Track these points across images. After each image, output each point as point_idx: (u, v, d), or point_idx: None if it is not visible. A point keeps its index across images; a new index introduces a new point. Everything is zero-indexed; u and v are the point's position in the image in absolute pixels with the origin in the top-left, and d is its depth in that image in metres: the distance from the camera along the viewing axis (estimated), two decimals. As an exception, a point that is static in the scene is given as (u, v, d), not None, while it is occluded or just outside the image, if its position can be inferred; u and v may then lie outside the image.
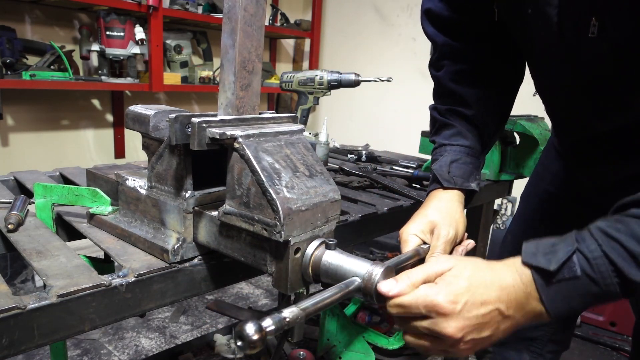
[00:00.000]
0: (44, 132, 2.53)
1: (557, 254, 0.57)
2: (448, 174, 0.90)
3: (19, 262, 2.29)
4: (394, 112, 3.29)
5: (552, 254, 0.57)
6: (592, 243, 0.56)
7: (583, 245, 0.57)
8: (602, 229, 0.57)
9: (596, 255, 0.55)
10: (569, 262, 0.56)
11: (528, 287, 0.58)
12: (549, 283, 0.57)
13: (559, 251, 0.57)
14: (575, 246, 0.57)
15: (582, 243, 0.57)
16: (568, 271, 0.56)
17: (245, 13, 0.64)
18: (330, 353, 1.74)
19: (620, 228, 0.56)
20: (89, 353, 1.99)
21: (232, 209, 0.63)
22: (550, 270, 0.56)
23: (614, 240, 0.55)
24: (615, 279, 0.55)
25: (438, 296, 0.56)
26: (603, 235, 0.56)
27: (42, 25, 2.44)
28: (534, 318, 0.59)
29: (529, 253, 0.59)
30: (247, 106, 0.70)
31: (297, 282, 0.63)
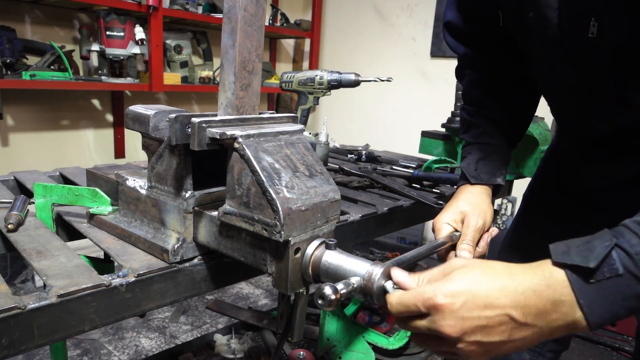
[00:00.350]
0: (44, 132, 2.53)
1: (595, 250, 0.50)
2: (475, 171, 0.96)
3: (19, 262, 2.29)
4: (394, 112, 3.29)
5: (588, 251, 0.51)
6: (632, 237, 0.50)
7: (622, 240, 0.50)
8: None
9: (639, 250, 0.49)
10: (608, 259, 0.50)
11: (557, 292, 0.51)
12: (587, 283, 0.50)
13: (596, 247, 0.51)
14: (614, 241, 0.51)
15: (620, 238, 0.51)
16: (608, 269, 0.50)
17: (245, 13, 0.64)
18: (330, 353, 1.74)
19: None
20: (89, 353, 1.99)
21: (232, 209, 0.63)
22: (590, 267, 0.49)
23: None
24: None
25: (436, 292, 0.53)
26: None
27: (42, 25, 2.44)
28: (566, 327, 0.52)
29: (559, 252, 0.53)
30: (247, 106, 0.70)
31: (297, 282, 0.63)
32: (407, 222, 1.18)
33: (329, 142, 1.42)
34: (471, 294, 0.53)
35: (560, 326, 0.52)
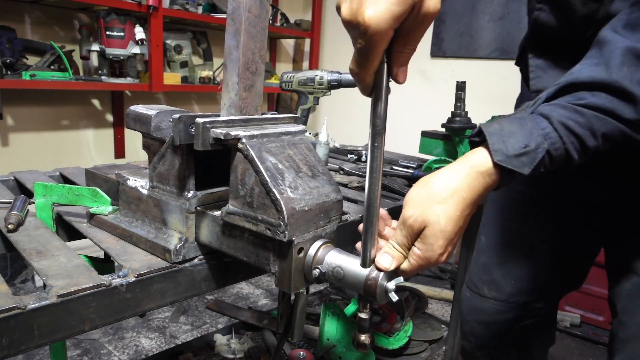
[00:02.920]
0: (44, 132, 2.52)
1: (530, 155, 0.60)
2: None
3: (19, 262, 2.28)
4: (394, 112, 3.28)
5: (524, 156, 0.61)
6: (557, 141, 0.61)
7: (550, 144, 0.61)
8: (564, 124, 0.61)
9: (559, 154, 0.61)
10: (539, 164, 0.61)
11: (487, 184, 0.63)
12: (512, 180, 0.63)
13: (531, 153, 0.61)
14: (546, 147, 0.61)
15: (548, 141, 0.61)
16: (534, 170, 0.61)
17: (249, 14, 0.64)
18: (330, 353, 1.74)
19: (582, 122, 0.61)
20: (89, 353, 1.98)
21: (235, 209, 0.63)
22: (525, 174, 0.61)
23: (575, 136, 0.61)
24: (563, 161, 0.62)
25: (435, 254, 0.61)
26: (566, 130, 0.61)
27: (42, 25, 2.43)
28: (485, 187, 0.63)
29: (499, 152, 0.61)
30: (250, 107, 0.69)
31: (299, 282, 0.63)
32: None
33: (329, 142, 1.42)
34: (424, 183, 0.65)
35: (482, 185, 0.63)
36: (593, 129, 0.61)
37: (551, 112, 0.62)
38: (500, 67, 2.88)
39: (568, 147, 0.61)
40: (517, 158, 0.60)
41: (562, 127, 0.61)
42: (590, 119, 0.61)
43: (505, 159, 0.61)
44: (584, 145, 0.61)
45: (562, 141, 0.61)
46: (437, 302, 2.62)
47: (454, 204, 0.61)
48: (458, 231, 0.61)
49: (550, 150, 0.61)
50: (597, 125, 0.60)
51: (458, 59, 3.05)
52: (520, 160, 0.60)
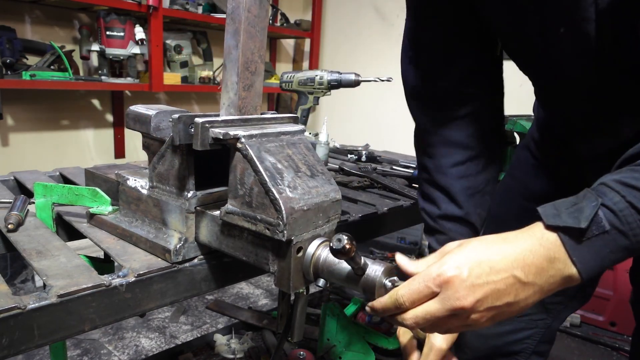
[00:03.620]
0: (44, 132, 2.52)
1: (583, 211, 0.54)
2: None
3: (19, 262, 2.28)
4: (394, 112, 3.29)
5: (577, 212, 0.54)
6: (614, 195, 0.54)
7: (606, 199, 0.54)
8: (620, 181, 0.55)
9: (622, 207, 0.53)
10: (596, 218, 0.54)
11: (551, 251, 0.55)
12: (579, 242, 0.54)
13: (584, 208, 0.54)
14: (600, 201, 0.54)
15: (604, 197, 0.54)
16: (596, 227, 0.54)
17: (249, 14, 0.64)
18: (330, 353, 1.74)
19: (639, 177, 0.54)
20: (89, 353, 1.98)
21: (235, 209, 0.63)
22: (581, 227, 0.53)
23: (635, 189, 0.54)
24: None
25: (442, 267, 0.55)
26: (623, 186, 0.54)
27: (42, 25, 2.43)
28: (561, 282, 0.56)
29: (550, 215, 0.56)
30: (249, 106, 0.70)
31: (299, 281, 0.63)
32: (407, 222, 1.18)
33: (329, 142, 1.42)
34: (476, 262, 0.55)
35: (557, 282, 0.56)
36: None
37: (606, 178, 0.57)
38: (500, 67, 2.87)
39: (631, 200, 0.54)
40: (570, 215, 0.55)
41: (617, 184, 0.55)
42: None
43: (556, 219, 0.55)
44: None
45: (620, 195, 0.54)
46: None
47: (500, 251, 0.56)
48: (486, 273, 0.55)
49: (608, 204, 0.54)
50: None
51: (458, 58, 3.05)
52: (573, 215, 0.54)
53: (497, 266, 0.55)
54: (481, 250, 0.56)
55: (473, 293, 0.54)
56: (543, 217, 0.56)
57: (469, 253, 0.56)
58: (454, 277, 0.54)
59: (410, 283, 0.57)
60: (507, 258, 0.55)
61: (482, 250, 0.56)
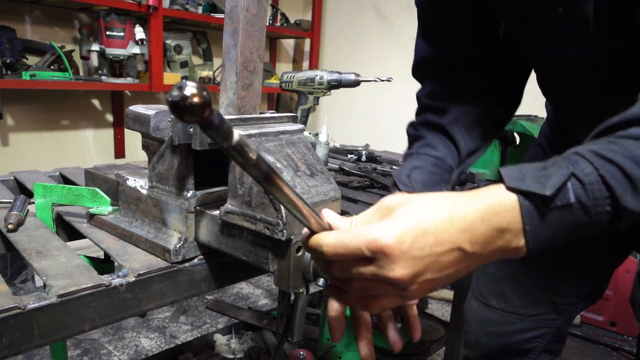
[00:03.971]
0: (44, 132, 2.53)
1: (551, 178, 0.48)
2: (407, 177, 0.78)
3: (19, 262, 2.29)
4: (394, 112, 3.29)
5: (544, 178, 0.48)
6: (587, 166, 0.48)
7: (577, 169, 0.48)
8: (595, 151, 0.49)
9: (592, 180, 0.48)
10: (563, 188, 0.48)
11: (505, 220, 0.48)
12: (539, 212, 0.48)
13: (552, 175, 0.48)
14: (571, 169, 0.48)
15: (575, 166, 0.49)
16: (561, 198, 0.48)
17: (247, 13, 0.64)
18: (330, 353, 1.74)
19: (616, 150, 0.48)
20: (89, 353, 1.98)
21: (234, 208, 0.63)
22: (546, 195, 0.47)
23: (610, 162, 0.48)
24: (607, 206, 0.48)
25: (382, 232, 0.47)
26: (597, 157, 0.48)
27: (42, 25, 2.44)
28: (505, 253, 0.50)
29: (513, 177, 0.49)
30: (248, 106, 0.70)
31: (298, 281, 0.63)
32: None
33: (329, 142, 1.42)
34: (421, 231, 0.48)
35: (501, 252, 0.50)
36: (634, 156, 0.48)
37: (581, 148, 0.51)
38: (500, 67, 2.87)
39: (603, 173, 0.48)
40: (536, 180, 0.48)
41: (592, 154, 0.49)
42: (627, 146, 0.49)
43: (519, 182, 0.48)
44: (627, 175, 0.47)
45: (593, 166, 0.48)
46: (437, 302, 2.62)
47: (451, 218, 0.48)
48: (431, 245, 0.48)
49: (578, 175, 0.48)
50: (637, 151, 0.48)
51: (458, 58, 3.05)
52: (539, 181, 0.48)
53: (443, 237, 0.48)
54: (428, 216, 0.49)
55: (412, 265, 0.47)
56: (505, 178, 0.50)
57: (414, 219, 0.48)
58: (393, 246, 0.46)
59: (341, 234, 0.49)
60: (455, 227, 0.48)
61: (429, 216, 0.49)
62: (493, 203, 0.49)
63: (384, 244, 0.46)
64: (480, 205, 0.49)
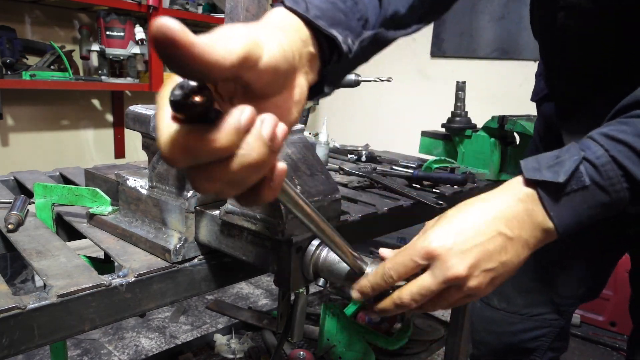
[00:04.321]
0: (44, 132, 2.53)
1: (564, 165, 0.52)
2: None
3: (19, 262, 2.29)
4: (394, 112, 3.30)
5: (558, 166, 0.53)
6: (598, 149, 0.52)
7: (589, 153, 0.52)
8: (606, 134, 0.53)
9: (604, 162, 0.51)
10: (577, 173, 0.52)
11: (529, 205, 0.54)
12: (557, 197, 0.53)
13: (565, 162, 0.52)
14: (582, 155, 0.52)
15: (587, 151, 0.52)
16: (576, 182, 0.52)
17: (247, 14, 0.64)
18: (330, 353, 1.74)
19: (626, 129, 0.52)
20: (89, 353, 1.99)
21: (234, 208, 0.63)
22: (559, 182, 0.51)
23: (620, 142, 0.51)
24: (624, 184, 0.51)
25: (425, 241, 0.53)
26: (608, 139, 0.52)
27: (42, 25, 2.44)
28: (543, 236, 0.55)
29: (530, 169, 0.54)
30: (248, 106, 0.69)
31: (298, 280, 0.63)
32: (407, 222, 1.17)
33: (329, 142, 1.42)
34: (459, 228, 0.54)
35: (539, 236, 0.54)
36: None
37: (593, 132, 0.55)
38: (500, 67, 2.88)
39: (614, 154, 0.51)
40: (550, 168, 0.53)
41: (602, 137, 0.53)
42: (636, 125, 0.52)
43: (536, 173, 0.53)
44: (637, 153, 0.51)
45: (604, 149, 0.52)
46: (437, 301, 2.62)
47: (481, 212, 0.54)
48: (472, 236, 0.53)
49: (590, 158, 0.52)
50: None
51: (458, 59, 3.05)
52: (553, 169, 0.52)
53: (480, 228, 0.53)
54: (460, 217, 0.55)
55: (464, 259, 0.52)
56: (523, 170, 0.55)
57: (449, 222, 0.54)
58: (439, 247, 0.52)
59: (395, 257, 0.55)
60: (488, 217, 0.54)
61: (461, 217, 0.55)
62: (515, 193, 0.54)
63: (432, 248, 0.52)
64: (503, 196, 0.55)
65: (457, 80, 1.61)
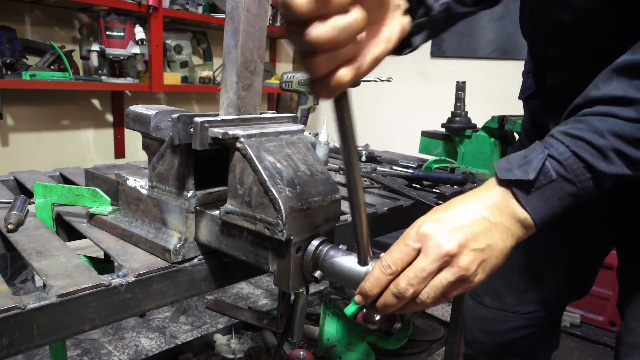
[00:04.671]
0: (44, 132, 2.53)
1: (532, 163, 0.59)
2: None
3: (19, 262, 2.29)
4: (394, 112, 3.29)
5: (526, 165, 0.59)
6: (559, 146, 0.59)
7: (552, 150, 0.59)
8: (565, 132, 0.60)
9: (566, 157, 0.58)
10: (544, 169, 0.58)
11: (506, 199, 0.60)
12: (529, 192, 0.59)
13: (532, 160, 0.59)
14: (546, 152, 0.59)
15: (550, 148, 0.59)
16: (544, 177, 0.58)
17: (248, 14, 0.64)
18: (330, 353, 1.74)
19: (582, 127, 0.59)
20: (89, 353, 1.99)
21: (234, 208, 0.63)
22: (529, 179, 0.58)
23: (578, 139, 0.58)
24: (587, 174, 0.58)
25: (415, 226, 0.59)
26: (567, 137, 0.59)
27: (42, 25, 2.44)
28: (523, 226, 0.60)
29: (502, 169, 0.61)
30: (249, 106, 0.70)
31: (298, 281, 0.63)
32: (407, 222, 1.17)
33: (329, 142, 1.42)
34: (447, 213, 0.60)
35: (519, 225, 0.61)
36: (597, 129, 0.58)
37: (553, 131, 0.62)
38: (500, 67, 2.88)
39: (575, 149, 0.58)
40: (520, 168, 0.59)
41: (562, 135, 0.60)
42: (590, 122, 0.59)
43: (508, 172, 0.60)
44: (594, 146, 0.57)
45: (564, 145, 0.59)
46: (437, 301, 2.62)
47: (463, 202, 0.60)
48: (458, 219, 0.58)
49: (554, 154, 0.58)
50: (599, 125, 0.58)
51: (458, 59, 3.05)
52: (523, 168, 0.59)
53: (466, 212, 0.59)
54: (446, 206, 0.62)
55: (453, 236, 0.57)
56: (497, 171, 0.61)
57: (437, 211, 0.61)
58: (431, 228, 0.58)
59: (390, 249, 0.59)
60: (471, 204, 0.60)
61: (446, 206, 0.61)
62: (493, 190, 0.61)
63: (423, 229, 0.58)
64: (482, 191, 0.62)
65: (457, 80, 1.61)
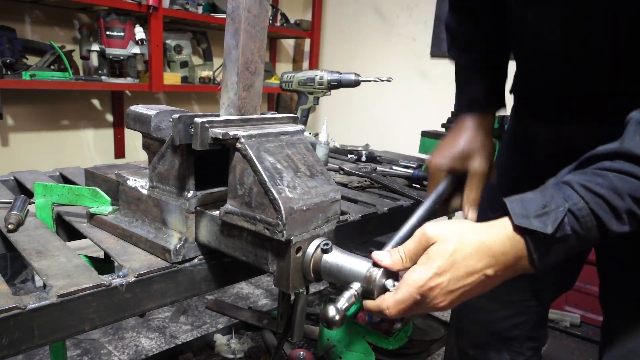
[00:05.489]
0: (44, 132, 2.53)
1: (551, 216, 0.57)
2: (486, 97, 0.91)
3: (19, 262, 2.29)
4: (394, 112, 3.29)
5: (545, 216, 0.58)
6: (579, 201, 0.57)
7: (571, 204, 0.57)
8: (585, 185, 0.58)
9: (584, 214, 0.57)
10: (562, 223, 0.57)
11: (519, 252, 0.59)
12: (544, 246, 0.58)
13: (551, 213, 0.57)
14: (566, 206, 0.57)
15: (570, 201, 0.58)
16: (560, 232, 0.57)
17: (249, 14, 0.64)
18: (330, 353, 1.74)
19: (603, 183, 0.57)
20: (89, 353, 1.99)
21: (234, 209, 0.63)
22: (548, 233, 0.57)
23: (598, 196, 0.57)
24: (597, 231, 0.58)
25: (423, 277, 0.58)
26: (587, 192, 0.57)
27: (42, 25, 2.44)
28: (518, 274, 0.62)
29: (518, 215, 0.59)
30: (249, 106, 0.70)
31: (298, 281, 0.63)
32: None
33: (329, 142, 1.42)
34: (454, 268, 0.59)
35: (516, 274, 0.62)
36: (617, 189, 0.57)
37: (571, 178, 0.60)
38: (500, 67, 2.87)
39: (593, 207, 0.57)
40: (538, 218, 0.57)
41: (582, 189, 0.58)
42: (611, 180, 0.57)
43: (525, 220, 0.58)
44: (612, 207, 0.57)
45: (584, 201, 0.57)
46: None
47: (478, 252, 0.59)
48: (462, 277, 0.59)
49: (573, 210, 0.57)
50: (619, 185, 0.57)
51: (458, 58, 3.05)
52: (541, 220, 0.57)
53: (474, 269, 0.59)
54: (459, 254, 0.59)
55: (448, 298, 0.59)
56: (512, 215, 0.59)
57: (449, 257, 0.58)
58: (436, 286, 0.58)
59: (396, 294, 0.59)
60: (481, 260, 0.59)
61: (460, 253, 0.59)
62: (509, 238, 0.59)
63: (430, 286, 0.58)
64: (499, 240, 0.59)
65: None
